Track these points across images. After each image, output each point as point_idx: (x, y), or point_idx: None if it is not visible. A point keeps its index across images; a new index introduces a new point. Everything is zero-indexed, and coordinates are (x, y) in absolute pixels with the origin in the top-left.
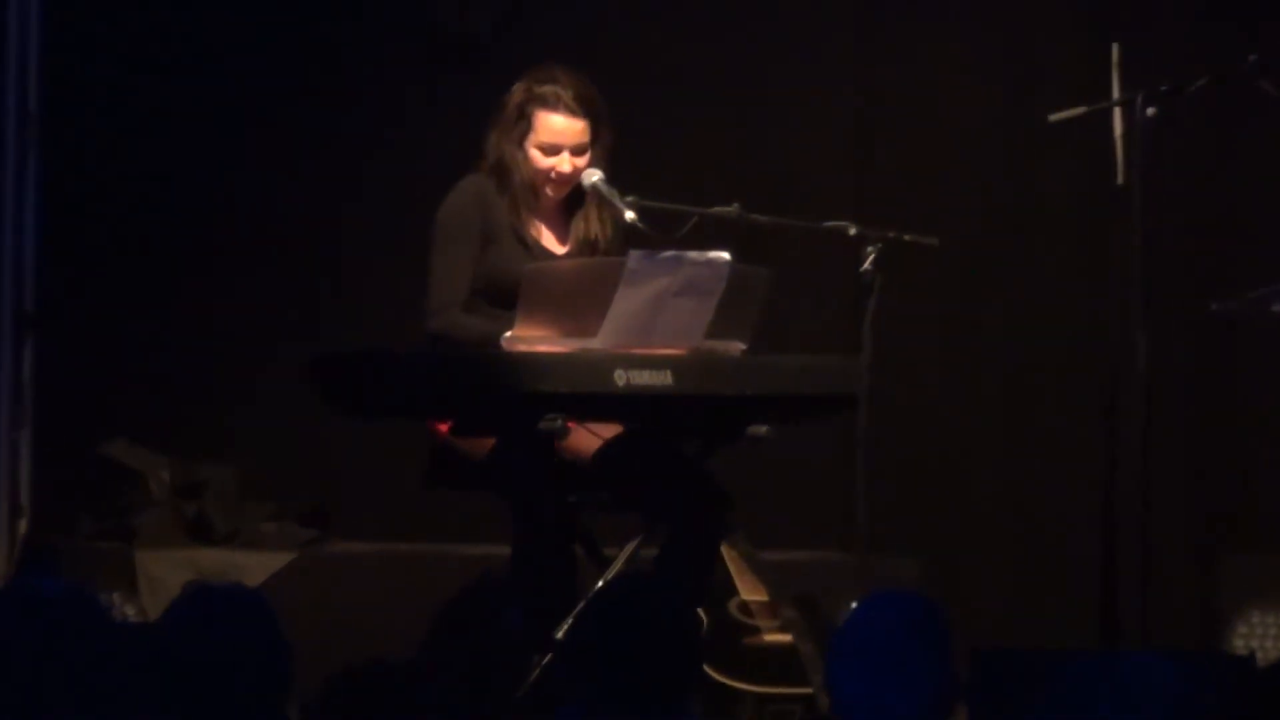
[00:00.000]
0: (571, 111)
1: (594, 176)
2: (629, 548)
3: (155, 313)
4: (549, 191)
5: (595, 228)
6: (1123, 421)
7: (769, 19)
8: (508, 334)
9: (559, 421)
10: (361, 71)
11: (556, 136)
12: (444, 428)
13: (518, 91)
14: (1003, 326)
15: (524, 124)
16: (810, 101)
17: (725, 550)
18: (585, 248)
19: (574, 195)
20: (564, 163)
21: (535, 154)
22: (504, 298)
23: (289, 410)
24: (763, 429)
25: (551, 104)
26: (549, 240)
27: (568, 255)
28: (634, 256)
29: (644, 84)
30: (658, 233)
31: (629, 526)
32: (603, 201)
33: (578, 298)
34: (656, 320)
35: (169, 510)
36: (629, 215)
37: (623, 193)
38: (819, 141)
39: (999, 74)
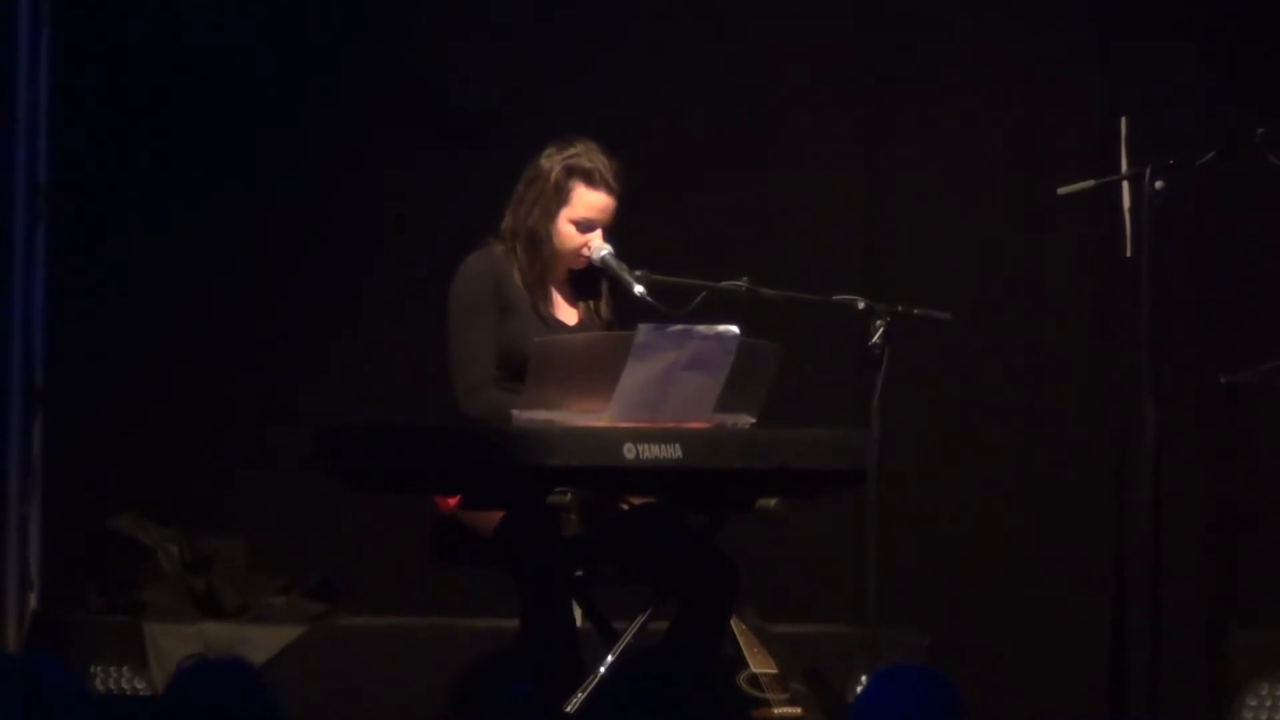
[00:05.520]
0: (610, 189)
1: (603, 250)
2: (638, 621)
3: (163, 387)
4: (573, 266)
5: (604, 305)
6: (1132, 494)
7: (778, 91)
8: (515, 410)
9: (568, 495)
10: (370, 147)
11: (594, 213)
12: (450, 502)
13: (554, 164)
14: (1012, 400)
15: (561, 198)
16: (819, 174)
17: (735, 623)
18: (594, 321)
19: (584, 268)
20: (596, 238)
21: (569, 228)
22: (523, 372)
23: (297, 484)
24: (772, 502)
25: (595, 181)
26: (563, 313)
27: (579, 327)
28: (643, 330)
29: (652, 158)
30: (667, 306)
31: (637, 599)
32: (612, 275)
33: (587, 371)
34: (665, 394)
35: (178, 584)
36: (638, 289)
37: (631, 267)
38: (828, 215)
39: (1008, 147)
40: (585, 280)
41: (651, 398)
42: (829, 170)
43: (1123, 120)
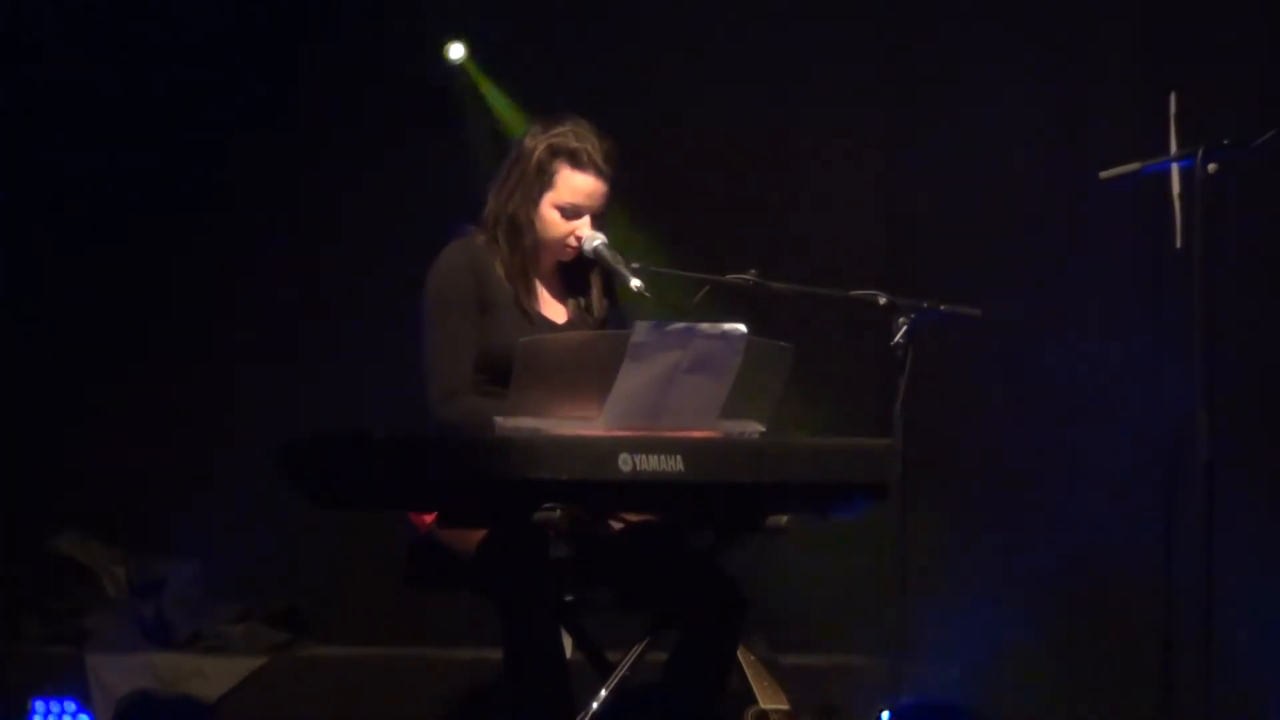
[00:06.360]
0: (600, 172)
1: (596, 240)
2: (634, 652)
3: (109, 395)
4: (560, 257)
5: (597, 299)
6: (1183, 513)
7: (795, 66)
8: (497, 417)
9: (557, 512)
10: (329, 129)
11: (581, 198)
12: (427, 520)
13: (538, 143)
14: (1050, 408)
15: (544, 181)
16: (837, 157)
17: (742, 654)
18: (585, 319)
19: (573, 259)
20: (585, 226)
21: (553, 215)
22: (505, 372)
23: (257, 501)
24: (783, 520)
25: (582, 163)
26: (550, 309)
27: (568, 325)
28: (640, 329)
29: (653, 140)
30: (665, 302)
31: (633, 628)
32: (606, 267)
33: (578, 374)
34: (665, 399)
35: (124, 610)
36: (634, 283)
37: (627, 258)
38: (846, 201)
39: (1043, 127)
40: (576, 274)
41: (650, 403)
42: (848, 153)
43: (1171, 96)
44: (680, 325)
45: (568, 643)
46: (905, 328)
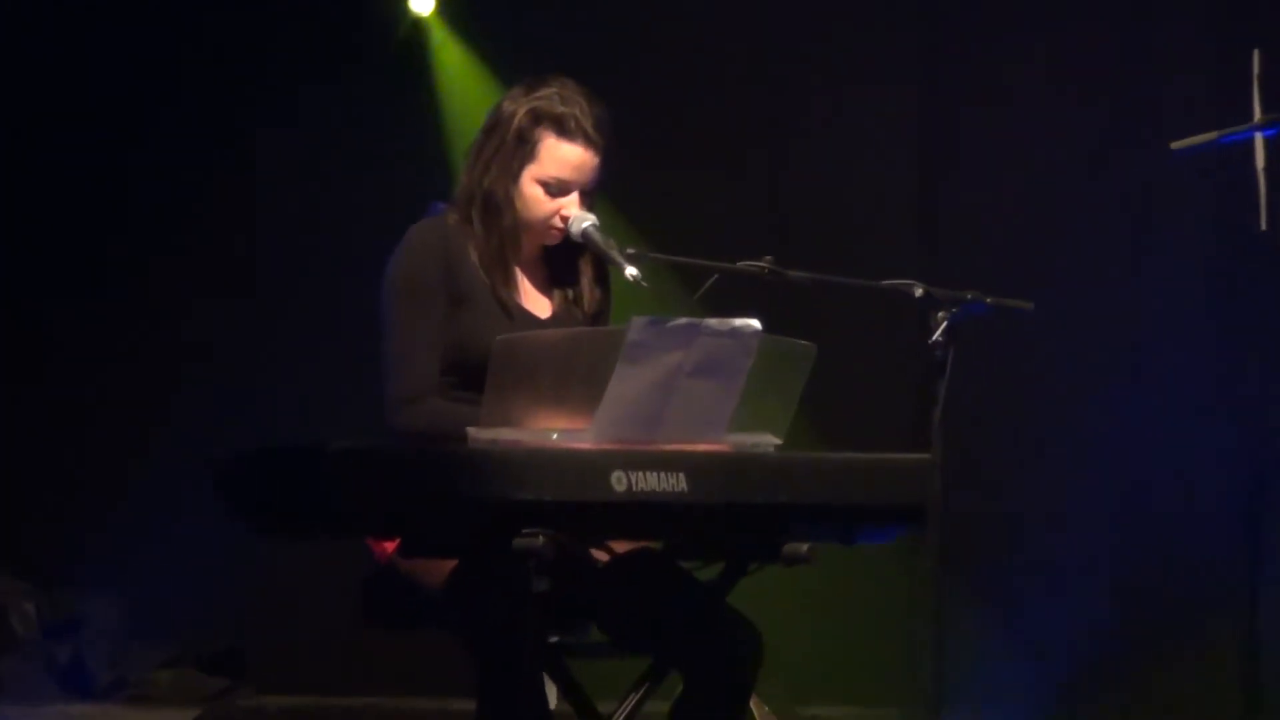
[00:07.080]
0: (590, 142)
1: (585, 221)
2: (630, 702)
3: (14, 404)
4: (544, 241)
5: (587, 290)
6: (1269, 526)
7: (818, 29)
8: (470, 426)
9: (540, 539)
10: (269, 83)
11: (569, 171)
12: (388, 548)
13: (519, 109)
14: (1115, 414)
15: (525, 151)
16: (865, 126)
17: (755, 705)
18: (573, 313)
19: (560, 244)
20: (573, 205)
21: (536, 192)
22: (478, 376)
23: (189, 527)
24: (803, 548)
25: (569, 130)
26: (532, 301)
27: (553, 320)
28: (636, 325)
29: (655, 108)
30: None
31: (628, 674)
32: (597, 253)
33: (564, 378)
34: (666, 407)
35: (35, 653)
36: (630, 271)
37: (621, 243)
38: (876, 178)
39: (1106, 93)
40: (562, 260)
41: (648, 412)
42: (879, 124)
43: (1255, 55)
44: (683, 321)
45: (552, 691)
46: (946, 324)
